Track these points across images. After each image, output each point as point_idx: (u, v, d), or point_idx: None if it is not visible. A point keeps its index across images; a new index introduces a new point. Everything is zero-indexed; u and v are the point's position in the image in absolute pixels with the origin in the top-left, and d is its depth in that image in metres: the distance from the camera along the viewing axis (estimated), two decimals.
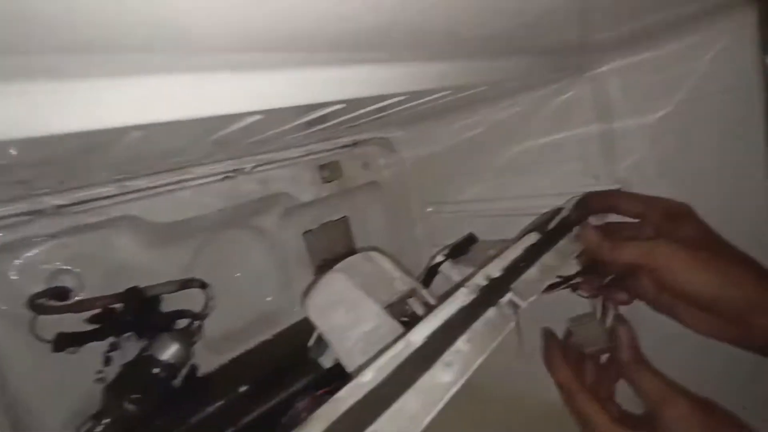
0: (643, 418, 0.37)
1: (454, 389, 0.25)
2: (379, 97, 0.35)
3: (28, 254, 0.56)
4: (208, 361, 0.71)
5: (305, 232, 0.87)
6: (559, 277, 0.53)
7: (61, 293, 0.57)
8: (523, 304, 0.33)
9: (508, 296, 0.33)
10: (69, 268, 0.59)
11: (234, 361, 0.73)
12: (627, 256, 0.40)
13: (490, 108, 0.76)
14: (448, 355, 0.27)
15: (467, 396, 0.83)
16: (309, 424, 0.22)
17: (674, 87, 0.57)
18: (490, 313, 0.31)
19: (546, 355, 0.42)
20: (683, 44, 0.55)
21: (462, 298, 0.31)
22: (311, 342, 0.52)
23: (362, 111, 0.54)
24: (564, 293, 0.52)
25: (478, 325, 0.29)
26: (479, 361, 0.27)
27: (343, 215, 0.93)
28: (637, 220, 0.47)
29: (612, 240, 0.42)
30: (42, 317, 0.55)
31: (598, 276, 0.48)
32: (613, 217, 0.50)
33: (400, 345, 0.27)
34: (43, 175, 0.37)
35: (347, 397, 0.24)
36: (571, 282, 0.51)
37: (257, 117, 0.29)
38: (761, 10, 0.50)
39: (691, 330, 0.41)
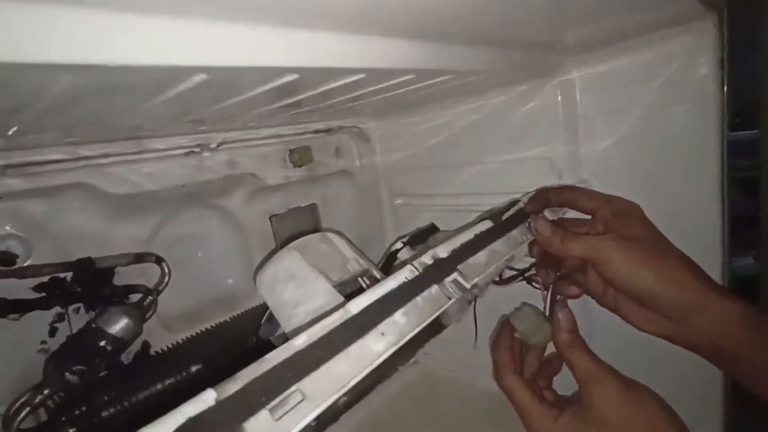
0: (573, 397, 0.38)
1: (383, 357, 0.25)
2: (334, 71, 0.34)
3: None
4: (161, 338, 0.69)
5: (272, 216, 0.86)
6: (515, 269, 0.54)
7: (6, 259, 0.55)
8: (467, 284, 0.33)
9: (453, 276, 0.33)
10: (16, 233, 0.56)
11: (189, 341, 0.71)
12: (575, 249, 0.42)
13: (461, 105, 0.77)
14: (383, 326, 0.27)
15: (426, 386, 0.84)
16: (229, 380, 0.22)
17: (638, 95, 0.59)
18: (433, 290, 0.31)
19: (494, 338, 0.44)
20: (648, 54, 0.57)
21: (405, 274, 0.31)
22: (263, 320, 0.51)
23: (333, 98, 0.54)
24: (526, 288, 0.53)
25: (418, 300, 0.29)
26: (413, 332, 0.27)
27: (312, 202, 0.92)
28: (589, 217, 0.48)
29: (563, 233, 0.43)
30: None
31: (551, 269, 0.49)
32: (569, 214, 0.52)
33: (337, 314, 0.27)
34: None
35: (274, 357, 0.23)
36: (526, 275, 0.52)
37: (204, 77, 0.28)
38: (719, 22, 0.52)
39: (632, 325, 0.43)
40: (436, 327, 0.53)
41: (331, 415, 0.44)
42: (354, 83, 0.41)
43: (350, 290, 0.43)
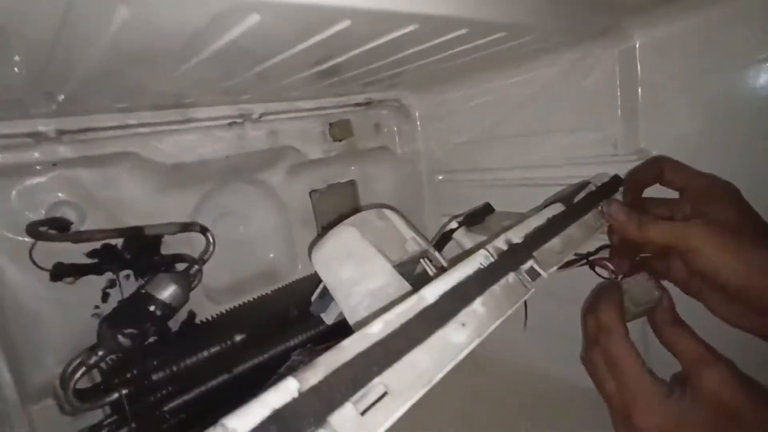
0: (677, 378, 0.34)
1: (467, 350, 0.23)
2: (389, 16, 0.31)
3: (31, 182, 0.54)
4: (206, 309, 0.70)
5: (312, 192, 0.85)
6: (576, 254, 0.50)
7: (62, 224, 0.55)
8: (544, 273, 0.30)
9: (530, 263, 0.31)
10: (71, 200, 0.57)
11: (232, 312, 0.72)
12: (657, 236, 0.37)
13: (507, 75, 0.73)
14: (462, 316, 0.25)
15: (470, 366, 0.83)
16: (308, 369, 0.20)
17: (711, 58, 0.53)
18: (510, 278, 0.29)
19: (597, 297, 0.38)
20: (721, 12, 0.51)
21: (480, 260, 0.29)
22: (314, 296, 0.50)
23: (379, 61, 0.51)
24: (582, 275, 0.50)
25: (495, 289, 0.27)
26: (495, 324, 0.25)
27: (351, 178, 0.91)
28: (674, 198, 0.44)
29: (641, 218, 0.39)
30: (43, 248, 0.54)
31: (628, 255, 0.45)
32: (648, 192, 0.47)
33: (411, 300, 0.25)
34: (42, 85, 0.35)
35: (351, 346, 0.22)
36: (591, 258, 0.49)
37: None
38: None
39: (718, 317, 0.39)
40: None
41: None
42: (404, 38, 0.38)
43: (409, 271, 0.41)
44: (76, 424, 0.58)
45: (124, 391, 0.57)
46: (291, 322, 0.69)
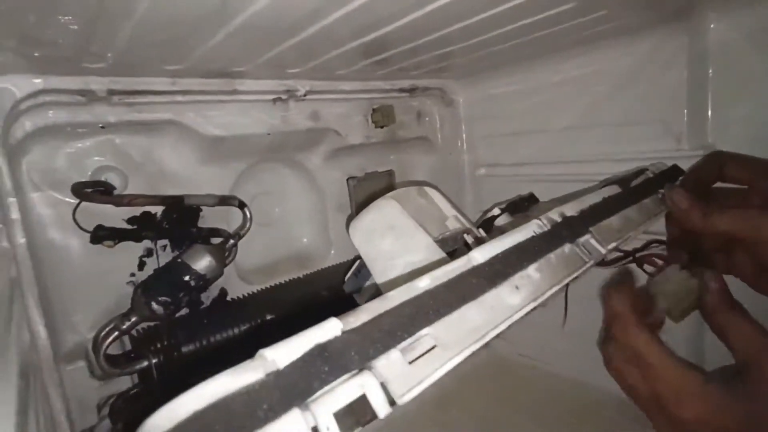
0: (732, 370, 0.30)
1: (521, 312, 0.22)
2: None
3: (79, 144, 0.56)
4: (238, 287, 0.71)
5: (349, 178, 0.85)
6: (621, 251, 0.48)
7: (105, 188, 0.57)
8: (603, 249, 0.29)
9: (586, 237, 0.29)
10: (115, 165, 0.59)
11: (263, 292, 0.72)
12: (724, 224, 0.35)
13: (560, 62, 0.71)
14: (516, 279, 0.24)
15: (500, 371, 0.81)
16: (353, 313, 0.19)
17: None
18: (567, 248, 0.27)
19: (612, 287, 0.36)
20: None
21: (534, 228, 0.28)
22: (349, 274, 0.50)
23: (424, 39, 0.50)
24: None
25: (551, 257, 0.26)
26: (552, 290, 0.24)
27: (389, 168, 0.90)
28: (743, 188, 0.41)
29: (707, 206, 0.37)
30: (84, 210, 0.56)
31: (686, 247, 0.42)
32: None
33: (460, 261, 0.24)
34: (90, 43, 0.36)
35: (398, 296, 0.21)
36: (638, 255, 0.46)
37: None
38: None
39: None
40: None
41: None
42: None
43: (451, 248, 0.40)
44: (104, 389, 0.60)
45: (154, 360, 0.58)
46: (322, 305, 0.69)
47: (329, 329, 0.18)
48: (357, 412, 0.17)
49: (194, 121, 0.60)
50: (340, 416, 0.16)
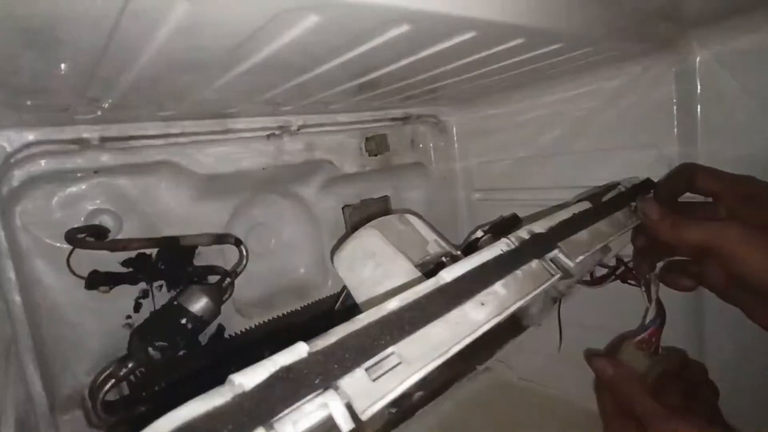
0: None
1: (486, 326, 0.23)
2: (450, 20, 0.33)
3: (72, 189, 0.58)
4: (235, 323, 0.72)
5: (344, 207, 0.87)
6: (607, 267, 0.50)
7: (100, 232, 0.59)
8: (570, 262, 0.30)
9: (555, 252, 0.31)
10: (109, 208, 0.61)
11: (261, 326, 0.73)
12: (693, 236, 0.37)
13: (553, 90, 0.73)
14: (482, 296, 0.25)
15: (501, 395, 0.81)
16: (321, 336, 0.21)
17: None
18: (534, 264, 0.29)
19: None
20: None
21: (501, 247, 0.29)
22: (338, 305, 0.51)
23: (415, 78, 0.53)
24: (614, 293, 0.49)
25: (518, 273, 0.27)
26: (517, 305, 0.25)
27: (384, 194, 0.92)
28: (709, 200, 0.43)
29: (676, 217, 0.39)
30: (78, 255, 0.58)
31: (653, 258, 0.44)
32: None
33: (430, 282, 0.26)
34: (87, 92, 0.39)
35: (366, 318, 0.22)
36: (618, 272, 0.48)
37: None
38: None
39: (755, 322, 0.38)
40: (516, 328, 0.51)
41: (408, 408, 0.43)
42: (458, 47, 0.40)
43: (432, 271, 0.41)
44: None
45: (152, 406, 0.59)
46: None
47: (295, 352, 0.20)
48: (322, 429, 0.18)
49: (188, 161, 0.63)
50: None
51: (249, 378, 0.19)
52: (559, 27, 0.40)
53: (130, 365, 0.58)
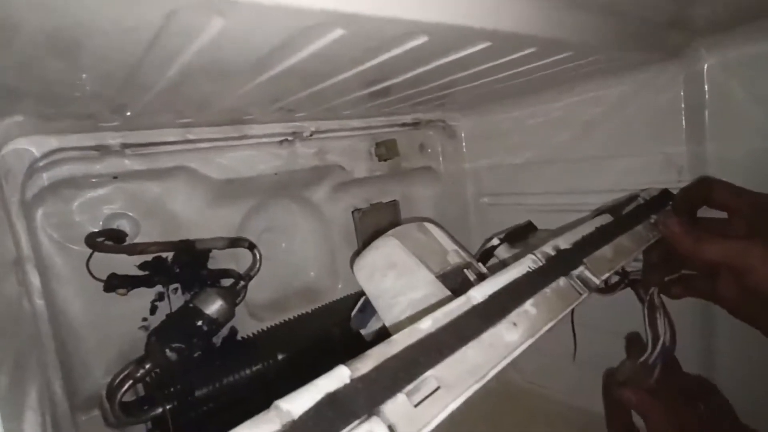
0: None
1: (520, 349, 0.23)
2: (465, 32, 0.33)
3: (92, 194, 0.58)
4: (247, 325, 0.72)
5: (354, 210, 0.87)
6: (618, 274, 0.49)
7: (118, 236, 0.59)
8: (596, 279, 0.30)
9: (580, 269, 0.30)
10: (127, 212, 0.61)
11: (273, 329, 0.73)
12: (715, 253, 0.37)
13: (563, 95, 0.73)
14: (513, 316, 0.25)
15: (509, 398, 0.81)
16: (358, 359, 0.21)
17: None
18: (561, 282, 0.29)
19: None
20: None
21: (528, 264, 0.29)
22: (355, 310, 0.51)
23: (427, 86, 0.53)
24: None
25: (546, 291, 0.27)
26: (548, 326, 0.25)
27: (393, 198, 0.92)
28: (725, 216, 0.43)
29: (699, 233, 0.38)
30: (96, 259, 0.58)
31: (663, 270, 0.44)
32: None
33: (459, 300, 0.26)
34: (115, 101, 0.39)
35: (402, 340, 0.22)
36: (630, 278, 0.48)
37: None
38: None
39: None
40: None
41: None
42: (473, 56, 0.40)
43: (452, 282, 0.41)
44: None
45: (168, 406, 0.59)
46: (332, 341, 0.70)
47: (338, 377, 0.20)
48: None
49: (204, 167, 0.63)
50: None
51: (296, 405, 0.18)
52: (569, 37, 0.40)
53: (147, 366, 0.58)
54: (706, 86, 0.58)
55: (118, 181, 0.59)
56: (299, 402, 0.19)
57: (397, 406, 0.19)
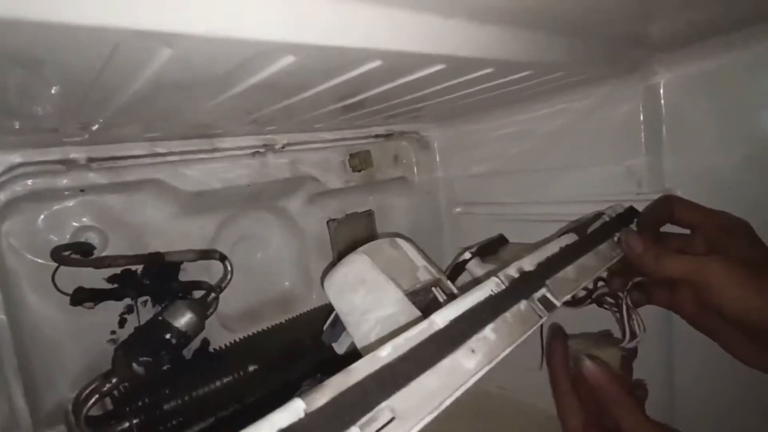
0: None
1: (476, 377, 0.23)
2: (419, 57, 0.33)
3: (58, 207, 0.57)
4: (220, 337, 0.70)
5: (329, 221, 0.86)
6: (585, 289, 0.50)
7: (85, 249, 0.57)
8: (557, 301, 0.30)
9: (542, 291, 0.31)
10: (95, 225, 0.59)
11: (245, 340, 0.72)
12: (675, 269, 0.38)
13: (530, 110, 0.74)
14: (473, 342, 0.25)
15: (477, 406, 0.81)
16: (316, 391, 0.20)
17: (736, 99, 0.54)
18: (522, 305, 0.29)
19: (549, 349, 0.41)
20: (750, 53, 0.51)
21: (491, 287, 0.29)
22: (326, 325, 0.50)
23: (401, 98, 0.54)
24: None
25: (507, 316, 0.27)
26: (505, 352, 0.25)
27: (368, 208, 0.92)
28: (687, 232, 0.44)
29: (659, 250, 0.39)
30: (64, 271, 0.56)
31: (625, 278, 0.45)
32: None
33: (421, 325, 0.26)
34: (78, 116, 0.37)
35: (360, 369, 0.22)
36: (594, 295, 0.49)
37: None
38: None
39: (729, 353, 0.39)
40: None
41: None
42: (431, 77, 0.40)
43: (421, 299, 0.41)
44: None
45: (135, 421, 0.57)
46: (304, 352, 0.69)
47: (292, 412, 0.19)
48: None
49: (173, 179, 0.61)
50: None
51: None
52: (524, 57, 0.41)
53: (114, 380, 0.57)
54: (662, 101, 0.60)
55: (86, 194, 0.57)
56: None
57: None
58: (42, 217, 0.56)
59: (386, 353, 0.23)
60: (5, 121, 0.37)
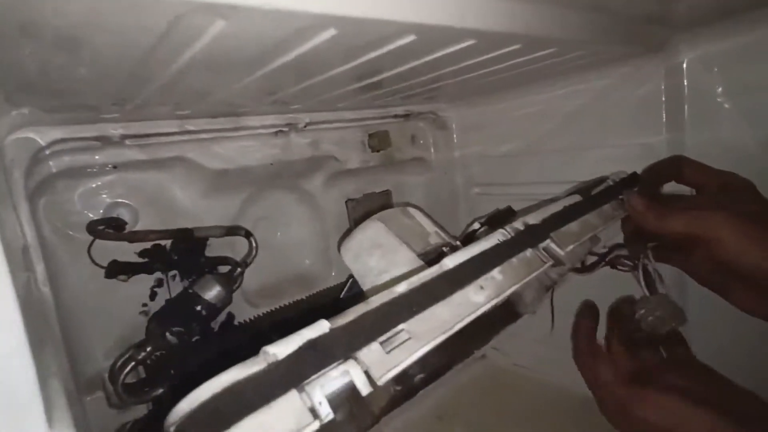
0: None
1: (485, 307, 0.26)
2: (451, 32, 0.36)
3: (93, 184, 0.61)
4: (244, 311, 0.75)
5: (348, 200, 0.90)
6: (596, 254, 0.52)
7: (118, 224, 0.62)
8: (561, 251, 0.33)
9: (547, 242, 0.33)
10: (127, 202, 0.64)
11: (268, 314, 0.76)
12: (677, 225, 0.39)
13: (550, 87, 0.76)
14: (481, 280, 0.28)
15: (496, 382, 0.84)
16: (339, 316, 0.24)
17: (753, 75, 0.55)
18: (528, 252, 0.31)
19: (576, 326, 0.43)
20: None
21: (498, 237, 0.32)
22: (344, 293, 0.54)
23: (416, 80, 0.56)
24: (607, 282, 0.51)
25: (513, 261, 0.30)
26: (513, 288, 0.28)
27: (386, 188, 0.95)
28: (692, 192, 0.46)
29: (661, 208, 0.41)
30: (97, 245, 0.61)
31: (643, 242, 0.47)
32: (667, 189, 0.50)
33: (434, 268, 0.29)
34: (122, 92, 0.41)
35: (379, 299, 0.25)
36: (608, 258, 0.50)
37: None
38: None
39: (737, 307, 0.40)
40: (511, 315, 0.53)
41: (410, 388, 0.46)
42: (460, 53, 0.43)
43: (433, 260, 0.44)
44: (120, 417, 0.63)
45: (168, 387, 0.62)
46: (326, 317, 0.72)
47: (319, 328, 0.23)
48: (344, 392, 0.21)
49: (201, 157, 0.66)
50: (330, 395, 0.21)
51: (281, 349, 0.21)
52: (552, 34, 0.43)
53: (148, 349, 0.61)
54: (685, 80, 0.61)
55: (118, 170, 0.61)
56: (283, 347, 0.22)
57: (371, 352, 0.22)
58: (78, 193, 0.60)
59: (402, 288, 0.27)
60: (53, 100, 0.41)
